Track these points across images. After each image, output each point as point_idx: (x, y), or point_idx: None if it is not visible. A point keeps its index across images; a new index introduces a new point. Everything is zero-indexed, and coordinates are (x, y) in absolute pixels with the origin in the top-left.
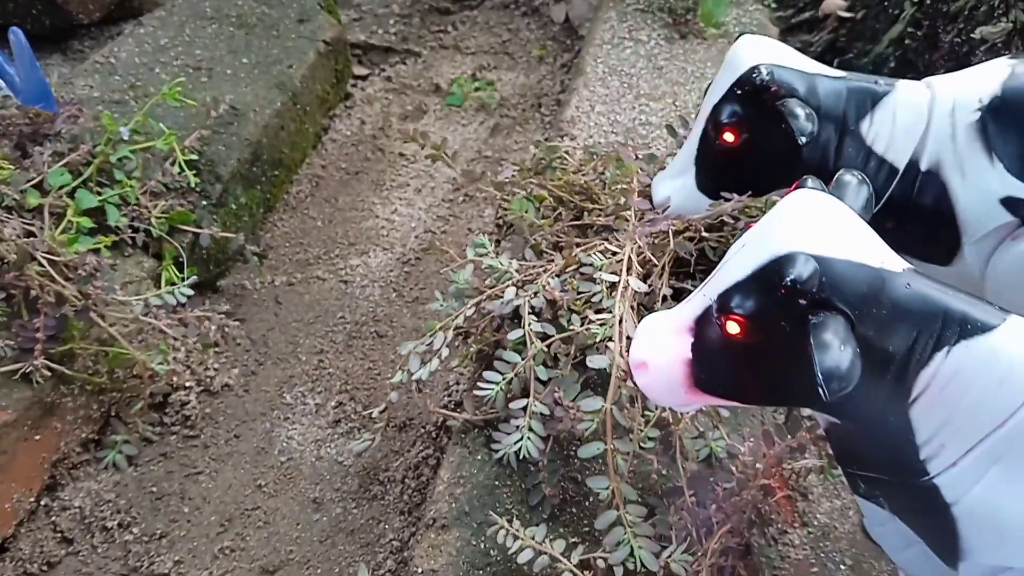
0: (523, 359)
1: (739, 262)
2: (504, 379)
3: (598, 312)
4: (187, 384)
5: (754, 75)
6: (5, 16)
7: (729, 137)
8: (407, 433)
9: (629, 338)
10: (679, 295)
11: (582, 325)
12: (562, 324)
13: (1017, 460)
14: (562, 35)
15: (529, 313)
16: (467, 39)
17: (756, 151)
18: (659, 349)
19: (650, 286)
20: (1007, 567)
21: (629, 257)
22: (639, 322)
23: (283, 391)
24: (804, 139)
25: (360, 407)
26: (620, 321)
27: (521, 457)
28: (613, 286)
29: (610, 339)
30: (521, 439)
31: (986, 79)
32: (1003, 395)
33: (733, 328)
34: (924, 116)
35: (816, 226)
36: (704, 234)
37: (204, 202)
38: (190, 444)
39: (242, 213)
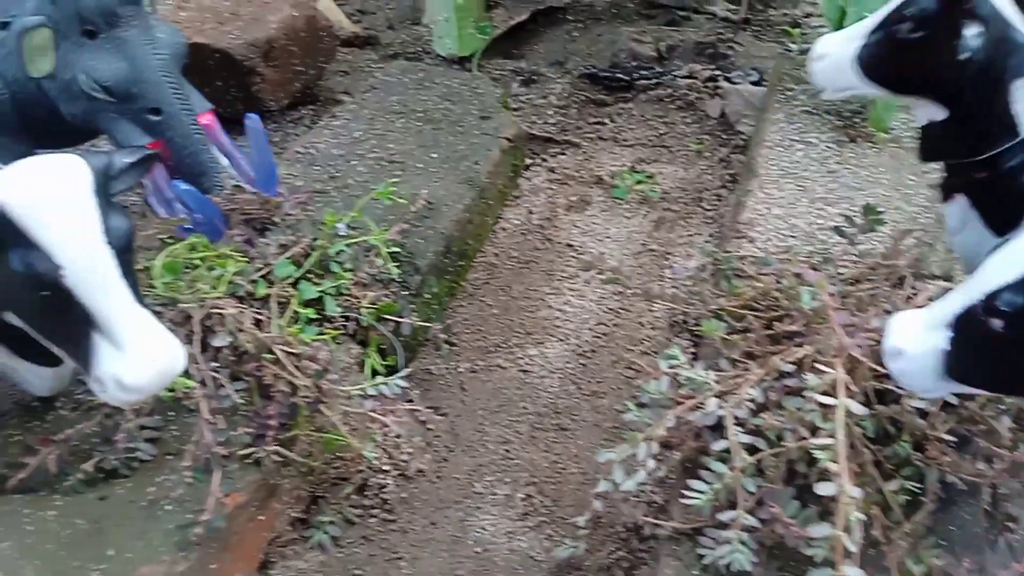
0: (730, 469)
1: (1005, 264)
2: (712, 488)
3: (806, 426)
4: (385, 468)
5: None
6: None
7: (907, 28)
8: (597, 532)
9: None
10: None
11: (795, 441)
12: (767, 436)
13: None
14: (718, 130)
15: (734, 424)
16: (624, 131)
17: (922, 51)
18: (915, 340)
19: None
20: None
21: (845, 380)
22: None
23: (473, 479)
24: (965, 55)
25: (548, 501)
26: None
27: (734, 571)
28: (825, 406)
29: (833, 461)
30: (733, 551)
31: None
32: None
33: (997, 324)
34: None
35: None
36: None
37: (404, 292)
38: (389, 528)
39: (433, 302)
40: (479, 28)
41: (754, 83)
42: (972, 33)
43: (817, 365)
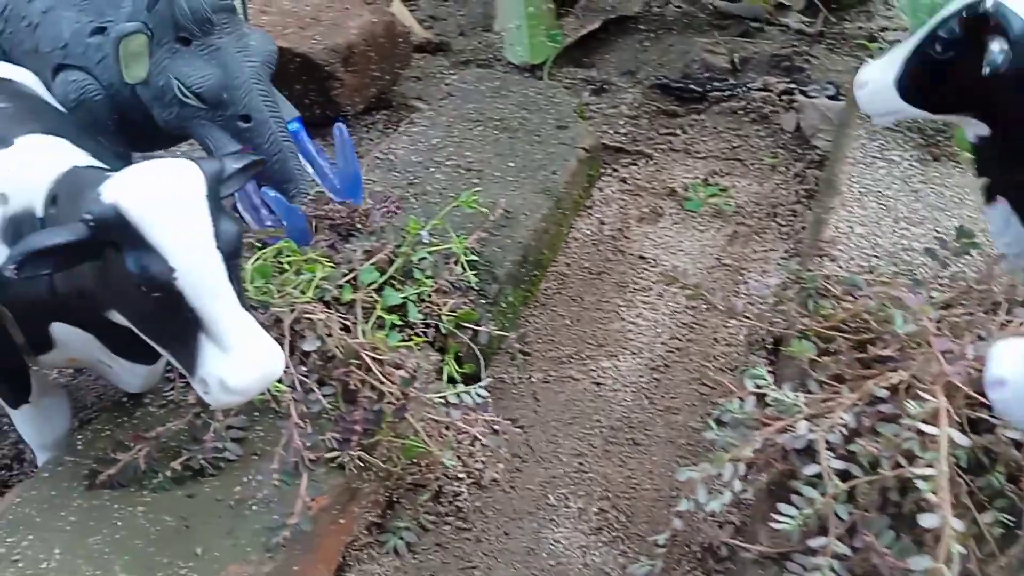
0: (821, 495)
1: None
2: (801, 513)
3: (902, 454)
4: (459, 476)
5: (980, 4)
6: None
7: (938, 49)
8: (671, 551)
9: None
10: None
11: (891, 469)
12: (861, 463)
13: None
14: (793, 144)
15: (825, 448)
16: (697, 143)
17: (954, 70)
18: (1020, 370)
19: None
20: None
21: (947, 408)
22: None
23: (546, 491)
24: (987, 70)
25: (622, 516)
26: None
27: None
28: (924, 434)
29: (933, 492)
30: None
31: None
32: None
33: None
34: None
35: None
36: None
37: (482, 300)
38: (463, 536)
39: (508, 311)
40: (550, 36)
41: (831, 97)
42: (997, 49)
43: (915, 391)
